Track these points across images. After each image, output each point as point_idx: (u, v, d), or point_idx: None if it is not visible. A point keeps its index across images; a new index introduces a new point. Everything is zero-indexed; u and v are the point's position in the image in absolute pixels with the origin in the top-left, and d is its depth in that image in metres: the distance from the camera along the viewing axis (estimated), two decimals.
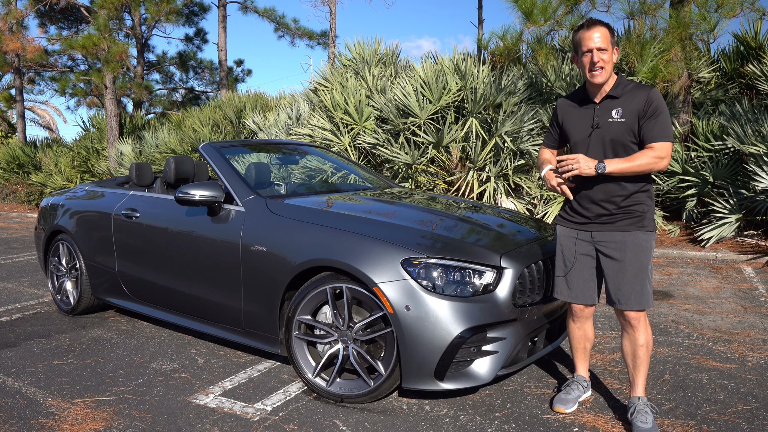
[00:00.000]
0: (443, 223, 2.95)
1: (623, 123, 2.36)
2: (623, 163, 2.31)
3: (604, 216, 2.43)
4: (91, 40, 11.31)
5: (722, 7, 5.64)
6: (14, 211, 13.59)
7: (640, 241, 2.39)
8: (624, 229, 2.40)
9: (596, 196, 2.44)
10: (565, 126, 2.56)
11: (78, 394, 2.92)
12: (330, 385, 2.75)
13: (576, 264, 2.52)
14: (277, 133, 9.02)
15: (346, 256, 2.63)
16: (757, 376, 2.98)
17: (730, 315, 4.12)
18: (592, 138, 2.42)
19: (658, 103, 2.32)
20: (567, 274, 2.55)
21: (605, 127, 2.39)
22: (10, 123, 21.17)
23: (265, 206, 3.11)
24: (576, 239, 2.53)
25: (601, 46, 2.32)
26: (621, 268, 2.39)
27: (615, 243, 2.41)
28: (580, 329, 2.66)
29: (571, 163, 2.32)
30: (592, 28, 2.35)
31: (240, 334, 3.17)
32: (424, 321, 2.48)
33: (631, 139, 2.37)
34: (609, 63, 2.35)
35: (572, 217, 2.55)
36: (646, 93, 2.34)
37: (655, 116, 2.31)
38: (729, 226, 6.34)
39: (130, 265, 3.80)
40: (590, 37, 2.34)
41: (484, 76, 7.03)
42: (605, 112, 2.40)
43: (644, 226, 2.40)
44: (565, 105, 2.59)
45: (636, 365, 2.46)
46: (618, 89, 2.39)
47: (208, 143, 3.68)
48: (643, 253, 2.39)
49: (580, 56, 2.41)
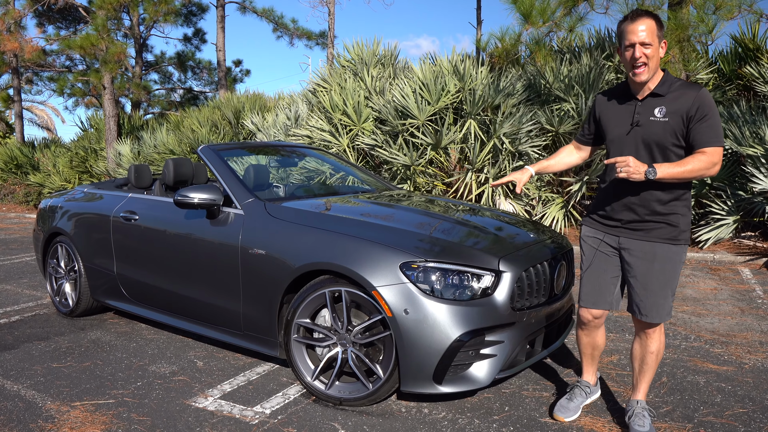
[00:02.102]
0: (441, 226, 2.96)
1: (665, 123, 2.19)
2: (674, 168, 2.11)
3: (636, 222, 2.29)
4: (89, 40, 11.30)
5: (720, 9, 5.66)
6: (12, 212, 13.57)
7: (671, 254, 2.25)
8: (655, 240, 2.26)
9: (630, 199, 2.29)
10: (603, 122, 2.41)
11: (77, 397, 2.92)
12: (329, 388, 2.76)
13: (595, 262, 2.42)
14: (276, 133, 9.02)
15: (345, 259, 2.64)
16: (753, 378, 3.00)
17: (728, 317, 4.13)
18: (630, 137, 2.26)
19: (709, 104, 2.14)
20: (583, 274, 2.46)
21: (646, 126, 2.22)
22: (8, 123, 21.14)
23: (263, 209, 3.11)
24: (601, 241, 2.42)
25: (645, 40, 2.13)
26: (646, 279, 2.27)
27: (643, 252, 2.28)
28: (587, 336, 2.58)
29: (620, 165, 2.10)
30: (636, 20, 2.15)
31: (239, 337, 3.18)
32: (423, 324, 2.49)
33: (673, 141, 2.20)
34: (654, 59, 2.17)
35: (601, 220, 2.43)
36: (694, 93, 2.15)
37: (706, 119, 2.13)
38: (726, 227, 6.36)
39: (129, 268, 3.80)
40: (634, 30, 2.14)
41: (483, 77, 7.04)
42: (647, 110, 2.23)
43: (678, 239, 2.25)
44: (603, 100, 2.44)
45: (643, 370, 2.43)
46: (664, 87, 2.22)
47: (207, 146, 3.69)
48: (672, 267, 2.26)
49: (623, 50, 2.22)
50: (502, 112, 6.83)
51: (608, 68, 7.15)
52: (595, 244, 2.43)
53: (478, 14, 13.30)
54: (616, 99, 2.38)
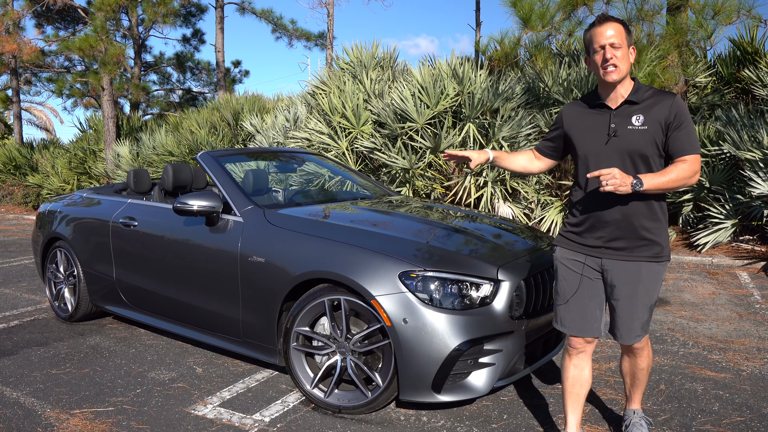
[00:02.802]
0: (440, 234, 2.97)
1: (645, 131, 2.08)
2: (659, 179, 2.02)
3: (619, 240, 2.14)
4: (88, 41, 11.28)
5: (719, 14, 5.68)
6: (11, 213, 13.55)
7: (654, 274, 2.14)
8: (640, 259, 2.13)
9: (612, 215, 2.13)
10: (573, 135, 2.26)
11: (76, 404, 2.92)
12: (328, 396, 2.76)
13: (581, 290, 2.22)
14: (275, 135, 9.02)
15: (344, 268, 2.65)
16: (751, 386, 3.01)
17: (726, 322, 4.14)
18: (609, 148, 2.13)
19: (685, 111, 2.09)
20: (571, 298, 2.23)
21: (624, 135, 2.11)
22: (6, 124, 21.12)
23: (263, 217, 3.12)
24: (584, 265, 2.22)
25: (614, 42, 2.07)
26: (631, 301, 2.15)
27: (628, 274, 2.14)
28: (576, 367, 2.29)
29: (606, 178, 1.95)
30: (604, 24, 2.11)
31: (238, 344, 3.19)
32: (422, 334, 2.49)
33: (654, 150, 2.10)
34: (624, 61, 2.09)
35: (580, 239, 2.24)
36: (670, 101, 2.09)
37: (683, 126, 2.07)
38: (725, 231, 6.37)
39: (128, 274, 3.80)
40: (602, 33, 2.09)
41: (482, 80, 7.04)
42: (623, 119, 2.12)
43: (662, 256, 2.14)
44: (573, 111, 2.30)
45: (635, 384, 2.39)
46: (637, 94, 2.13)
47: (206, 152, 3.69)
48: (655, 286, 2.15)
49: (591, 55, 2.15)
50: (501, 116, 6.83)
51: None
52: (578, 269, 2.23)
53: (477, 16, 13.31)
54: (586, 110, 2.25)
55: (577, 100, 2.33)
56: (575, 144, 2.25)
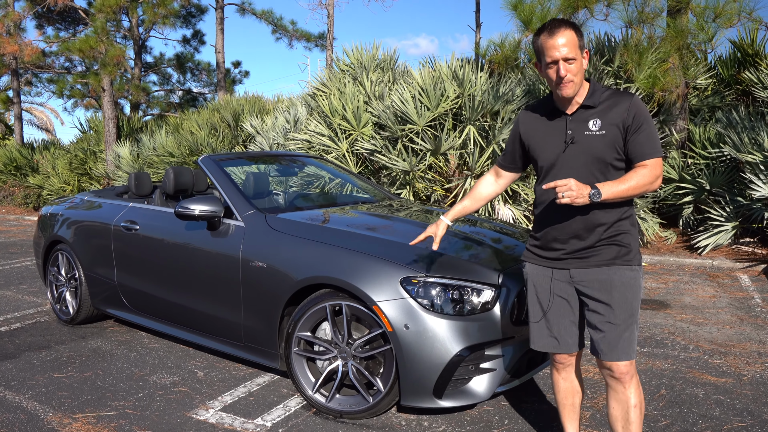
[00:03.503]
0: (442, 240, 2.97)
1: (603, 136, 1.98)
2: (618, 186, 1.90)
3: (583, 250, 2.04)
4: (88, 43, 11.29)
5: (720, 17, 5.68)
6: (12, 214, 13.57)
7: (627, 280, 2.02)
8: (607, 264, 2.02)
9: (572, 226, 2.03)
10: (531, 144, 2.15)
11: (79, 408, 2.93)
12: (329, 401, 2.77)
13: (554, 306, 2.12)
14: (275, 137, 9.02)
15: (345, 274, 2.65)
16: (752, 391, 3.01)
17: (726, 326, 4.15)
18: (567, 156, 2.01)
19: (643, 112, 1.97)
20: (544, 316, 2.14)
21: (582, 141, 2.00)
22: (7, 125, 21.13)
23: (264, 221, 3.13)
24: (552, 279, 2.12)
25: (567, 55, 1.92)
26: (608, 311, 2.01)
27: (599, 282, 2.02)
28: (566, 380, 2.24)
29: (562, 190, 1.84)
30: (555, 34, 1.93)
31: (240, 349, 3.19)
32: (423, 339, 2.50)
33: (615, 155, 1.99)
34: (579, 73, 1.96)
35: (544, 253, 2.14)
36: (627, 102, 1.97)
37: (643, 128, 1.96)
38: (725, 233, 6.38)
39: (129, 277, 3.81)
40: (554, 46, 1.93)
41: (482, 83, 7.05)
42: (580, 125, 2.01)
43: (630, 260, 2.03)
44: (529, 118, 2.17)
45: (629, 431, 2.07)
46: (594, 97, 2.01)
47: (208, 156, 3.70)
48: (632, 293, 2.02)
49: (543, 66, 2.00)
50: (501, 118, 6.84)
51: (607, 73, 7.17)
52: (547, 284, 2.13)
53: (477, 17, 13.32)
54: (542, 116, 2.13)
55: (531, 106, 2.20)
56: (534, 154, 2.14)
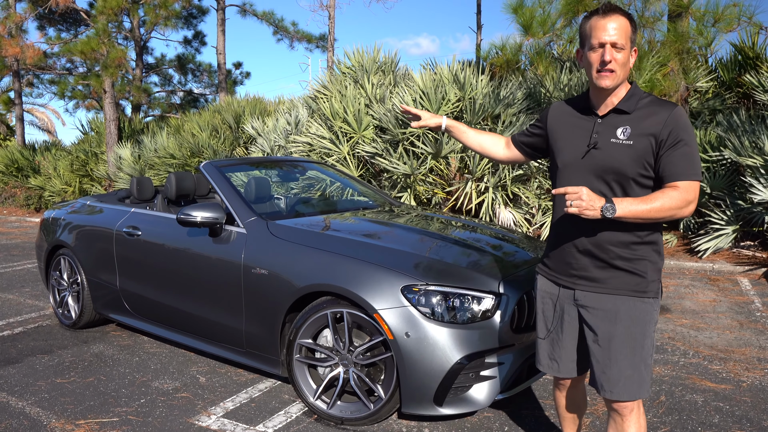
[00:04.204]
0: (441, 246, 2.99)
1: (629, 147, 1.75)
2: (638, 206, 1.68)
3: (594, 270, 1.84)
4: (89, 45, 11.32)
5: (719, 22, 5.69)
6: (13, 215, 13.59)
7: (637, 313, 1.79)
8: (617, 293, 1.80)
9: (584, 241, 1.83)
10: (554, 139, 1.96)
11: (81, 414, 2.95)
12: (331, 407, 2.79)
13: (557, 327, 1.97)
14: (276, 138, 9.04)
15: (347, 281, 2.67)
16: (751, 398, 3.03)
17: (726, 331, 4.16)
18: (586, 161, 1.81)
19: (684, 126, 1.72)
20: (548, 335, 2.01)
21: (605, 149, 1.78)
22: (8, 126, 21.17)
23: (266, 228, 3.14)
24: (557, 297, 1.95)
25: (616, 41, 1.71)
26: (608, 344, 1.81)
27: (604, 311, 1.82)
28: (568, 398, 2.13)
29: (572, 198, 1.65)
30: (608, 16, 1.73)
31: (241, 355, 3.21)
32: (424, 347, 2.51)
33: (638, 170, 1.75)
34: (623, 66, 1.75)
35: (553, 268, 1.97)
36: (667, 112, 1.73)
37: (681, 145, 1.71)
38: (726, 237, 6.39)
39: (131, 283, 3.83)
40: (604, 27, 1.72)
41: (483, 86, 7.06)
42: (608, 129, 1.79)
43: (645, 291, 1.79)
44: (558, 111, 1.98)
45: None
46: (630, 102, 1.79)
47: (210, 162, 3.71)
48: (640, 328, 1.79)
49: (586, 50, 1.78)
50: (502, 121, 6.86)
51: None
52: (554, 302, 1.96)
53: (478, 19, 13.32)
54: (572, 112, 1.92)
55: (565, 101, 2.00)
56: (555, 152, 1.94)
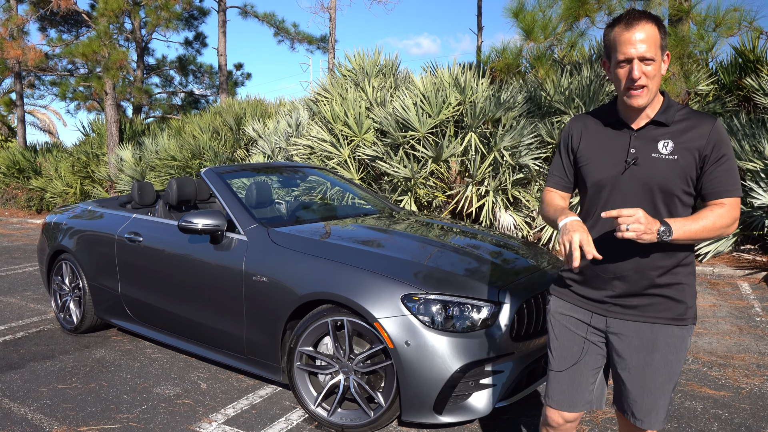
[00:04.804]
0: (441, 254, 3.00)
1: (674, 162, 1.63)
2: (691, 225, 1.57)
3: (630, 297, 1.71)
4: (91, 47, 11.34)
5: (720, 26, 5.70)
6: (15, 217, 13.62)
7: (675, 341, 1.69)
8: (656, 321, 1.69)
9: (622, 266, 1.69)
10: (583, 157, 1.78)
11: (83, 421, 2.96)
12: (331, 415, 2.80)
13: (584, 359, 1.79)
14: (277, 140, 9.06)
15: (347, 290, 2.68)
16: (750, 405, 3.04)
17: (726, 336, 4.17)
18: (625, 179, 1.67)
19: (726, 141, 1.63)
20: (570, 368, 1.80)
21: (646, 165, 1.65)
22: (10, 127, 21.21)
23: (267, 236, 3.16)
24: (588, 326, 1.79)
25: (645, 54, 1.56)
26: (644, 375, 1.70)
27: (640, 339, 1.70)
28: None
29: (628, 221, 1.51)
30: (634, 26, 1.57)
31: (242, 361, 3.22)
32: (424, 356, 2.53)
33: (683, 187, 1.64)
34: (656, 78, 1.61)
35: (583, 291, 1.79)
36: (709, 125, 1.63)
37: (724, 160, 1.62)
38: (726, 241, 6.39)
39: (133, 289, 3.84)
40: (629, 41, 1.57)
41: (484, 89, 7.07)
42: (647, 144, 1.66)
43: (685, 318, 1.70)
44: (583, 127, 1.81)
45: None
46: (668, 113, 1.66)
47: (210, 169, 3.73)
48: (677, 357, 1.70)
49: (613, 65, 1.64)
50: (503, 125, 6.87)
51: (609, 79, 7.19)
52: (582, 331, 1.79)
53: (478, 20, 13.34)
54: (599, 127, 1.77)
55: (586, 114, 1.84)
56: (585, 169, 1.77)
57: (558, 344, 1.83)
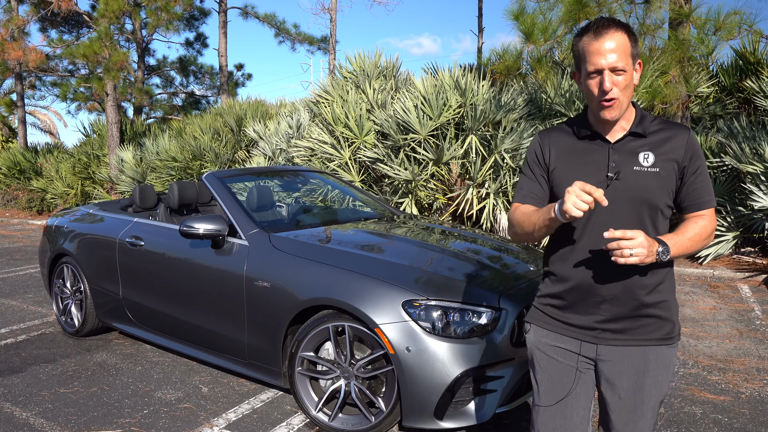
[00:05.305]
0: (441, 260, 3.01)
1: (657, 175, 1.58)
2: (682, 241, 1.56)
3: (620, 320, 1.62)
4: (91, 48, 11.35)
5: (720, 30, 5.71)
6: (15, 218, 13.63)
7: (664, 360, 1.63)
8: (647, 343, 1.62)
9: (611, 289, 1.60)
10: (559, 174, 1.67)
11: (85, 426, 2.97)
12: (332, 420, 2.81)
13: (576, 391, 1.68)
14: (278, 142, 9.07)
15: (348, 296, 2.69)
16: (750, 410, 3.05)
17: (726, 340, 4.18)
18: (608, 195, 1.57)
19: (699, 151, 1.61)
20: (560, 401, 1.69)
21: (629, 178, 1.58)
22: (11, 128, 21.24)
23: (268, 241, 3.17)
24: (579, 356, 1.67)
25: (616, 64, 1.50)
26: (633, 397, 1.63)
27: (631, 363, 1.62)
28: None
29: (628, 245, 1.44)
30: (602, 36, 1.51)
31: (243, 366, 3.23)
32: (424, 362, 2.54)
33: (665, 200, 1.60)
34: (627, 90, 1.54)
35: (570, 319, 1.68)
36: (686, 135, 1.60)
37: (700, 171, 1.60)
38: (726, 243, 6.40)
39: (134, 293, 3.85)
40: (598, 51, 1.51)
41: (484, 92, 7.08)
42: (627, 157, 1.60)
43: (672, 336, 1.64)
44: (553, 142, 1.70)
45: None
46: (644, 124, 1.61)
47: (212, 173, 3.74)
48: (665, 376, 1.64)
49: (583, 76, 1.57)
50: (504, 128, 6.87)
51: None
52: (572, 361, 1.67)
53: (479, 22, 13.35)
54: (572, 140, 1.67)
55: (557, 127, 1.74)
56: (561, 189, 1.64)
57: (546, 376, 1.71)
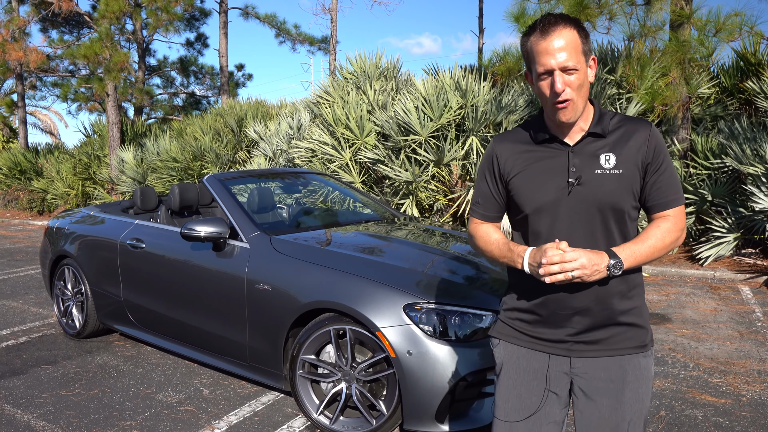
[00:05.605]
0: (442, 263, 3.01)
1: (620, 177, 1.49)
2: (638, 250, 1.47)
3: (594, 330, 1.54)
4: (92, 48, 11.36)
5: (721, 32, 5.71)
6: (16, 218, 13.64)
7: (642, 371, 1.55)
8: (622, 353, 1.54)
9: (581, 300, 1.52)
10: (517, 183, 1.57)
11: (86, 428, 2.98)
12: (333, 423, 2.81)
13: (543, 409, 1.58)
14: (279, 143, 9.08)
15: (349, 299, 2.70)
16: (751, 412, 3.05)
17: (727, 342, 4.17)
18: (570, 202, 1.50)
19: (663, 146, 1.52)
20: (530, 417, 1.58)
21: (591, 182, 1.50)
22: (12, 128, 21.26)
23: (269, 244, 3.17)
24: (547, 369, 1.58)
25: (566, 63, 1.42)
26: (613, 413, 1.54)
27: (609, 377, 1.54)
28: None
29: (571, 267, 1.40)
30: (549, 34, 1.42)
31: (244, 368, 3.24)
32: (426, 365, 2.54)
33: (631, 201, 1.51)
34: (582, 88, 1.46)
35: (538, 332, 1.59)
36: (645, 132, 1.51)
37: (663, 168, 1.51)
38: (727, 244, 6.40)
39: (135, 294, 3.86)
40: (546, 50, 1.42)
41: (485, 93, 7.08)
42: (588, 160, 1.51)
43: (646, 344, 1.56)
44: (509, 149, 1.61)
45: None
46: (603, 123, 1.53)
47: (213, 175, 3.74)
48: (646, 388, 1.56)
49: (534, 78, 1.49)
50: (505, 129, 6.88)
51: (610, 83, 7.20)
52: (541, 377, 1.58)
53: (480, 22, 13.35)
54: (529, 145, 1.59)
55: (513, 131, 1.65)
56: (521, 196, 1.57)
57: (515, 393, 1.61)
